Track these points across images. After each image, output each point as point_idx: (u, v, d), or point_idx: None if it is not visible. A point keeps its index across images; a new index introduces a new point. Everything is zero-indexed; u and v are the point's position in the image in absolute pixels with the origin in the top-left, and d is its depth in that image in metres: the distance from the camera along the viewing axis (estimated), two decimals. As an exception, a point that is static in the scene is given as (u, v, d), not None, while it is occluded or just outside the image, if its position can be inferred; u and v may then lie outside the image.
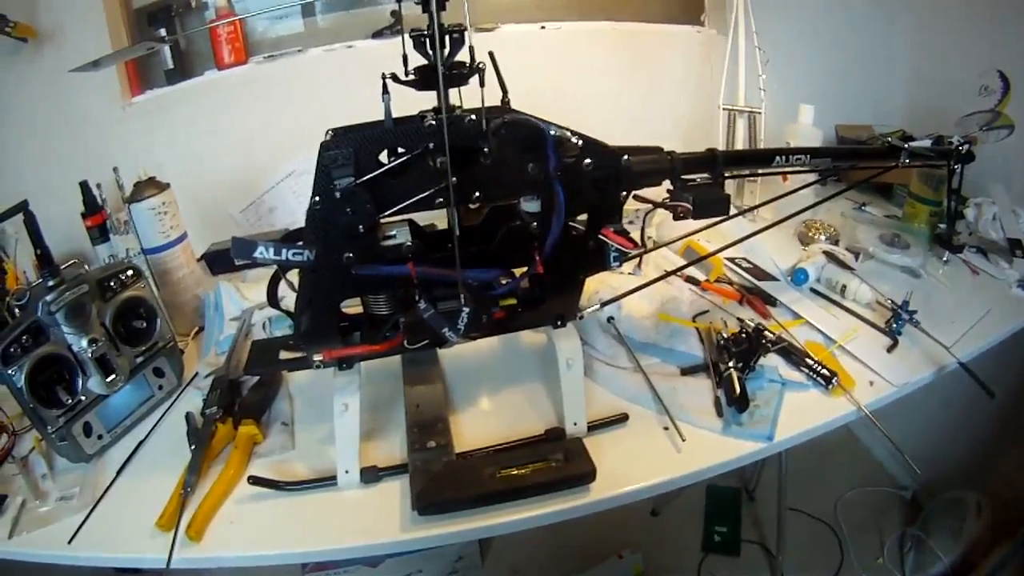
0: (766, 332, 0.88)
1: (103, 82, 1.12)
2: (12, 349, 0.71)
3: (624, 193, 0.70)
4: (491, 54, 0.63)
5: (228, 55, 1.20)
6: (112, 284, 0.82)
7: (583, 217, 0.71)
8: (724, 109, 1.24)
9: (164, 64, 1.19)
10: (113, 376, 0.80)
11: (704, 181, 0.76)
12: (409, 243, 0.66)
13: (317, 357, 0.70)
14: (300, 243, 0.62)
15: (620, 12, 1.35)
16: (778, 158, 0.81)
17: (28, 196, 0.81)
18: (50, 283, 0.76)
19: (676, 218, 0.73)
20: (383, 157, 0.62)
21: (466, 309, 0.67)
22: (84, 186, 0.97)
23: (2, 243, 1.02)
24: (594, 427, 0.77)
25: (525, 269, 0.69)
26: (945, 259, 1.06)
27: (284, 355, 0.75)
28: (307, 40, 1.24)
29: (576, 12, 1.34)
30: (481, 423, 0.80)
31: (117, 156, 1.01)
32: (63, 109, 1.11)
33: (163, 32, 1.16)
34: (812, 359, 0.84)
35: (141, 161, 0.97)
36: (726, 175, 0.76)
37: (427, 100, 0.64)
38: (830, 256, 1.04)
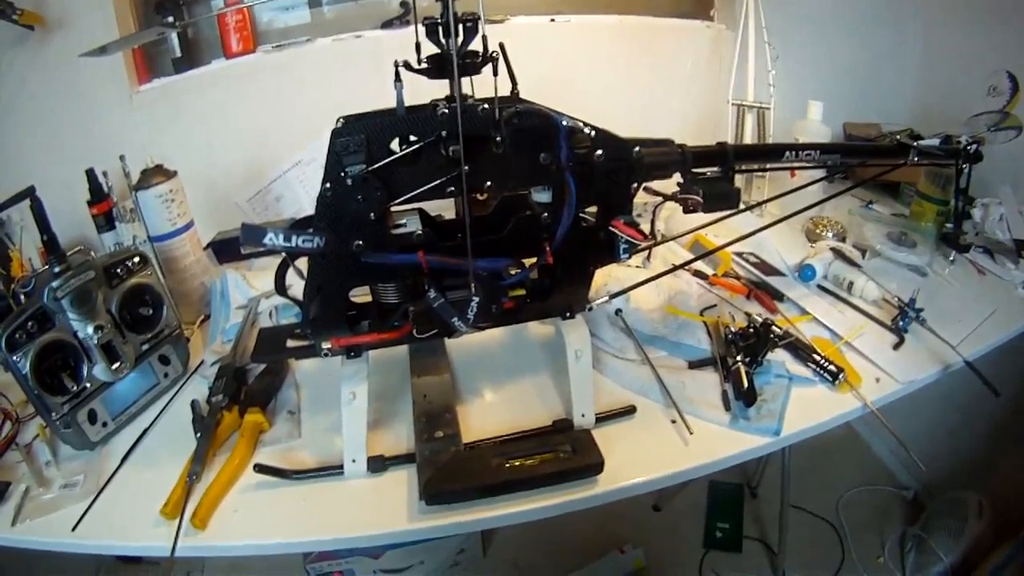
0: (774, 327, 0.88)
1: (110, 70, 1.12)
2: (17, 335, 0.71)
3: (635, 185, 0.70)
4: (501, 45, 0.63)
5: (236, 44, 1.19)
6: (118, 271, 0.82)
7: (592, 209, 0.70)
8: (733, 104, 1.24)
9: (172, 52, 1.18)
10: (118, 363, 0.79)
11: (714, 175, 0.76)
12: (419, 232, 0.66)
13: (325, 345, 0.70)
14: (310, 230, 0.62)
15: (629, 6, 1.35)
16: (788, 153, 0.81)
17: (34, 184, 0.80)
18: (56, 269, 0.76)
19: (686, 211, 0.74)
20: (394, 145, 0.62)
21: (476, 299, 0.67)
22: (90, 174, 0.96)
23: (8, 231, 1.02)
24: (601, 419, 0.77)
25: (535, 259, 0.69)
26: (952, 258, 1.06)
27: (291, 343, 0.75)
28: (314, 31, 1.23)
29: (586, 5, 1.34)
30: (489, 414, 0.80)
31: (124, 144, 1.00)
32: (70, 97, 1.10)
33: (171, 20, 1.15)
34: (819, 355, 0.84)
35: (148, 149, 0.97)
36: (736, 169, 0.76)
37: (438, 90, 0.64)
38: (837, 253, 1.04)
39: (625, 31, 1.35)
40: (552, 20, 1.31)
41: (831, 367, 0.82)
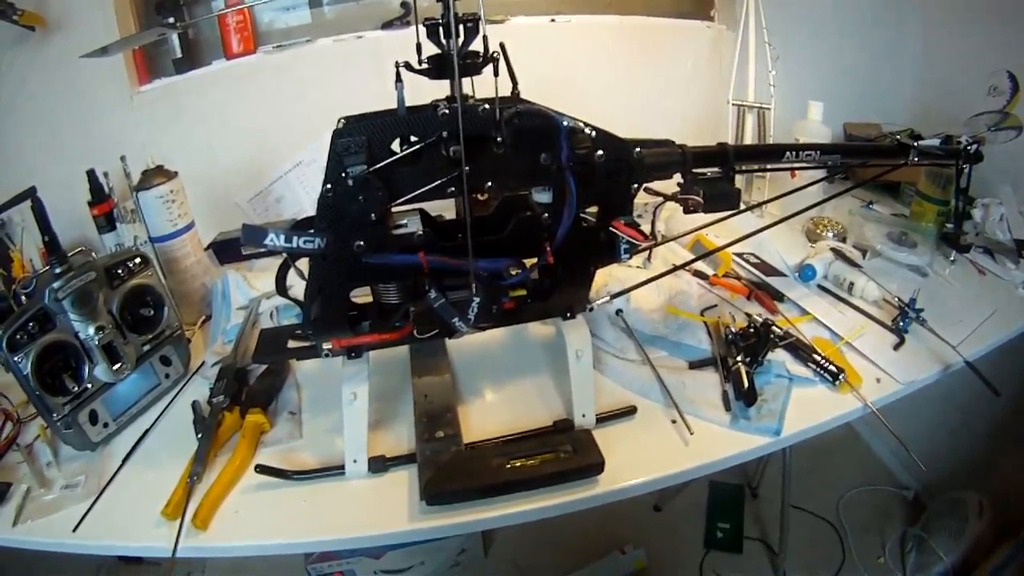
0: (774, 327, 0.88)
1: (111, 71, 1.12)
2: (19, 336, 0.71)
3: (635, 185, 0.70)
4: (502, 45, 0.63)
5: (237, 44, 1.19)
6: (119, 272, 0.82)
7: (593, 209, 0.70)
8: (733, 104, 1.24)
9: (173, 53, 1.19)
10: (120, 364, 0.80)
11: (715, 175, 0.76)
12: (420, 232, 0.66)
13: (326, 346, 0.70)
14: (311, 231, 0.62)
15: (630, 6, 1.36)
16: (788, 154, 0.81)
17: (35, 185, 0.80)
18: (57, 270, 0.76)
19: (686, 211, 0.74)
20: (395, 146, 0.62)
21: (476, 299, 0.67)
22: (91, 174, 0.97)
23: (8, 231, 1.02)
24: (602, 419, 0.77)
25: (535, 260, 0.69)
26: (952, 258, 1.07)
27: (292, 344, 0.74)
28: (315, 31, 1.23)
29: (586, 6, 1.34)
30: (490, 414, 0.80)
31: (125, 145, 1.01)
32: (71, 98, 1.10)
33: (171, 21, 1.15)
34: (819, 355, 0.84)
35: (149, 150, 0.97)
36: (737, 169, 0.76)
37: (438, 91, 0.64)
38: (837, 253, 1.04)
39: (625, 31, 1.35)
40: (552, 20, 1.31)
41: (831, 367, 0.82)
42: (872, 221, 1.14)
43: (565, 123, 0.63)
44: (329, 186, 0.61)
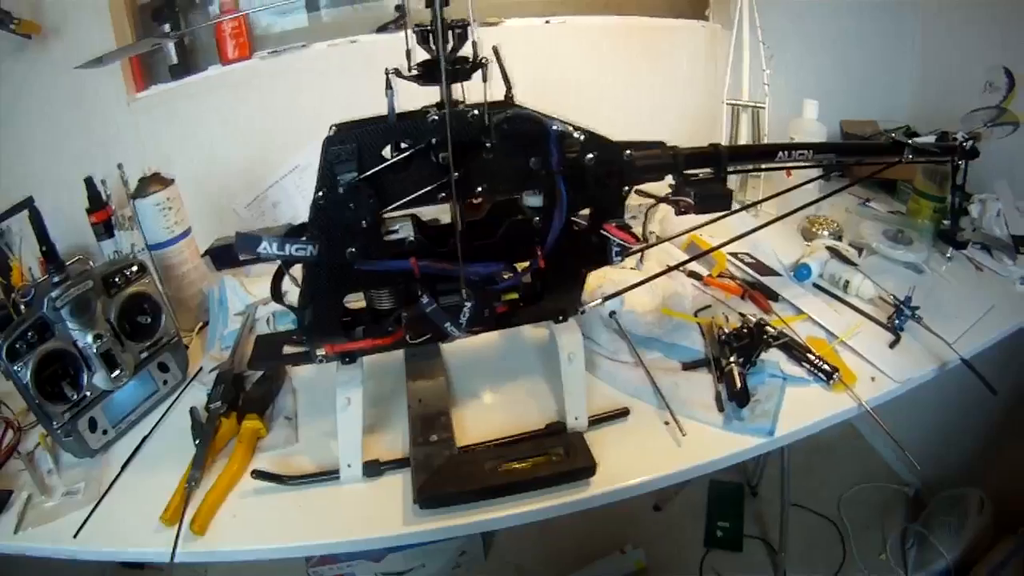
0: (768, 327, 0.88)
1: (108, 78, 1.12)
2: (18, 345, 0.71)
3: (626, 188, 0.70)
4: (495, 48, 0.63)
5: (232, 50, 1.19)
6: (117, 280, 0.82)
7: (585, 212, 0.70)
8: (728, 104, 1.24)
9: (168, 59, 1.19)
10: (118, 371, 0.80)
11: (707, 176, 0.76)
12: (412, 238, 0.66)
13: (320, 351, 0.70)
14: (303, 238, 0.63)
15: (625, 6, 1.35)
16: (781, 153, 0.81)
17: (33, 192, 0.81)
18: (55, 279, 0.76)
19: (678, 213, 0.74)
20: (386, 152, 0.62)
21: (468, 304, 0.67)
22: (89, 182, 0.97)
23: (7, 240, 1.02)
24: (595, 421, 0.78)
25: (527, 264, 0.70)
26: (949, 255, 1.06)
27: (288, 349, 0.75)
28: (311, 35, 1.24)
29: (581, 7, 1.34)
30: (483, 417, 0.81)
31: (122, 152, 1.01)
32: (68, 105, 1.11)
33: (167, 28, 1.16)
34: (814, 354, 0.84)
35: (146, 156, 0.97)
36: (729, 170, 0.76)
37: (431, 95, 0.64)
38: (833, 252, 1.04)
39: (620, 32, 1.35)
40: (547, 22, 1.31)
41: (825, 366, 0.82)
42: (868, 219, 1.14)
43: (554, 127, 0.63)
44: (320, 193, 0.61)
